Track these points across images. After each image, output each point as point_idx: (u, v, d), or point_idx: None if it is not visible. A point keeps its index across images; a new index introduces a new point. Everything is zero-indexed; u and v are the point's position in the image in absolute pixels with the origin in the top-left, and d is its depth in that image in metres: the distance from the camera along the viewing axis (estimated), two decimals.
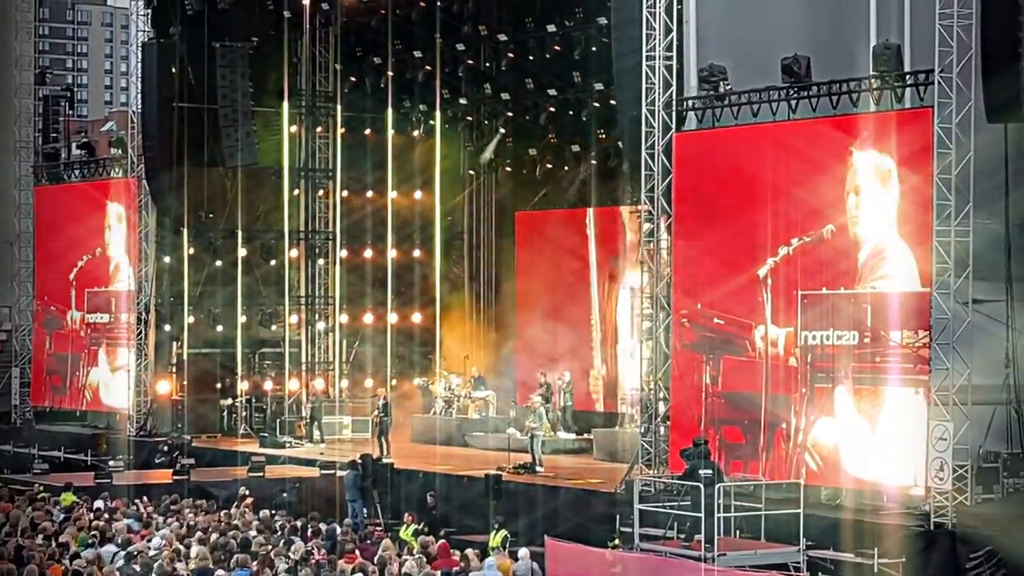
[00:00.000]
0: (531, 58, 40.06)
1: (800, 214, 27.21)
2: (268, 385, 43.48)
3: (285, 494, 32.58)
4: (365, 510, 31.86)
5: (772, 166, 27.65)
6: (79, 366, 45.17)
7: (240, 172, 42.68)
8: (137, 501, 29.68)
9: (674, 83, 29.22)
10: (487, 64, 41.66)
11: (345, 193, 45.65)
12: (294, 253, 44.84)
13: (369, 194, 46.07)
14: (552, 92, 40.87)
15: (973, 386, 24.46)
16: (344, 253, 45.71)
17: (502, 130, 44.32)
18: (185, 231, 43.03)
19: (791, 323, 27.25)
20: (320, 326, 45.45)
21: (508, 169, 45.38)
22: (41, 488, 31.28)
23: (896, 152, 25.66)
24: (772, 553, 24.27)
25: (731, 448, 27.94)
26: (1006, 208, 25.43)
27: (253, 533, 24.70)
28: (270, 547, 23.09)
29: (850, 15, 27.05)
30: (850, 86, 26.33)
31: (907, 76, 25.67)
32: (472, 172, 47.01)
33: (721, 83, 28.48)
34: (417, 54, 42.80)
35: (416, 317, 45.98)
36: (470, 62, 42.15)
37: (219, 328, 43.57)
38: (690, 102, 29.18)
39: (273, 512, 28.61)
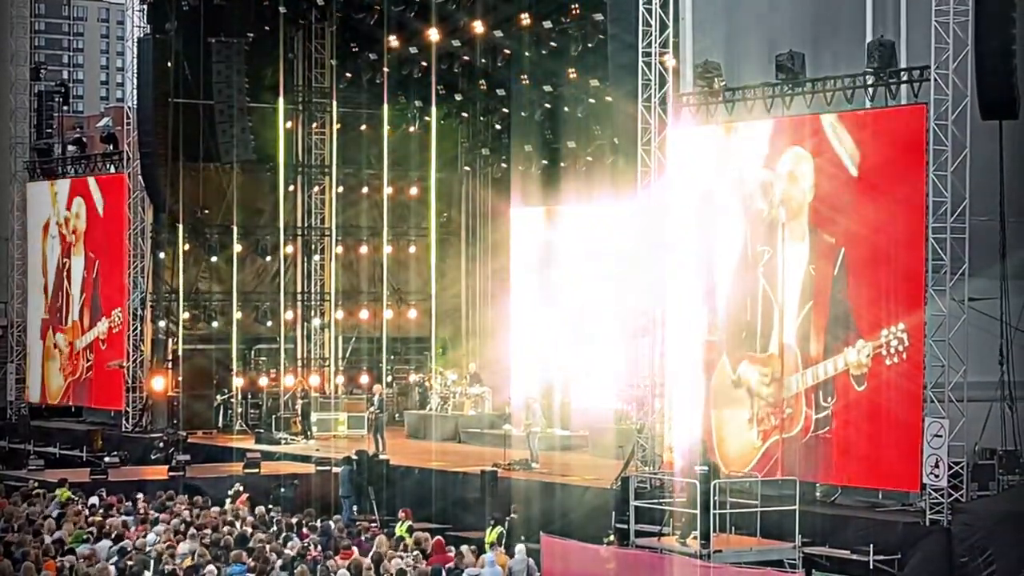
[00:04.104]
0: (527, 54, 40.03)
1: None
2: (264, 381, 43.46)
3: (283, 490, 32.57)
4: (355, 507, 31.84)
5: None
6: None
7: (236, 168, 42.70)
8: (133, 497, 29.63)
9: (670, 79, 29.20)
10: (483, 60, 41.65)
11: (340, 189, 45.64)
12: (290, 249, 44.85)
13: (365, 190, 46.06)
14: (548, 88, 40.83)
15: (968, 383, 24.47)
16: (340, 249, 45.70)
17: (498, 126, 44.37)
18: (181, 227, 43.02)
19: None
20: (316, 322, 45.45)
21: (504, 165, 45.35)
22: (36, 484, 31.23)
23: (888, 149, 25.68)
24: (768, 549, 24.28)
25: None
26: (1001, 205, 25.42)
27: (248, 530, 24.68)
28: (265, 543, 23.07)
29: (847, 12, 27.03)
30: (844, 82, 26.31)
31: (901, 73, 25.66)
32: (468, 168, 47.00)
33: (716, 79, 28.45)
34: (413, 50, 42.78)
35: (411, 314, 45.97)
36: (466, 58, 42.16)
37: (214, 324, 43.57)
38: (685, 98, 29.17)
39: (269, 508, 28.59)
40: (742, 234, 27.96)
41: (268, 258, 44.51)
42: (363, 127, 45.71)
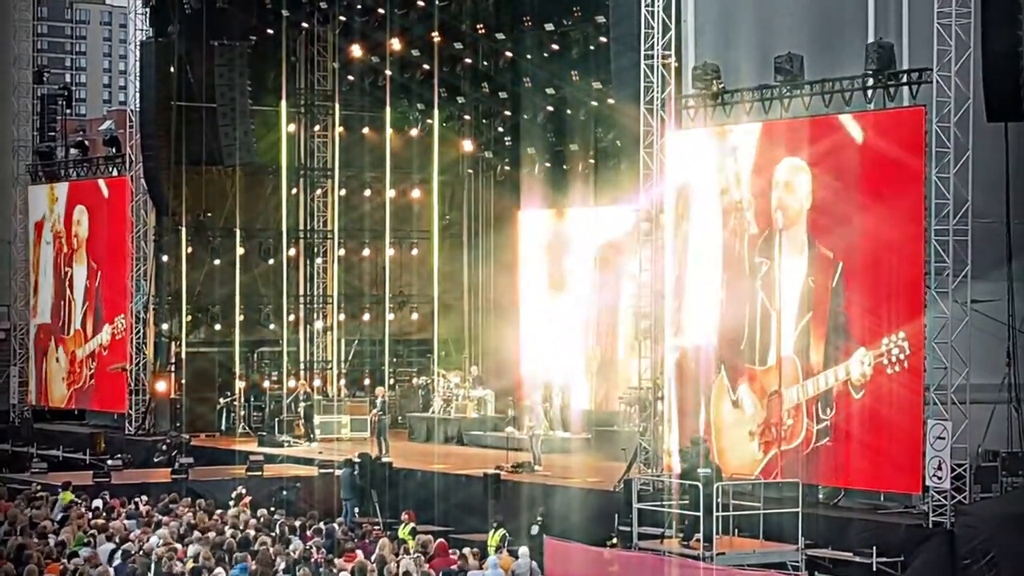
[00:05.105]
0: (529, 57, 40.08)
1: None
2: (266, 384, 43.46)
3: (285, 492, 32.57)
4: (357, 509, 31.83)
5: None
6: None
7: (238, 171, 42.71)
8: (136, 500, 29.66)
9: (672, 82, 29.22)
10: (485, 63, 41.68)
11: (343, 192, 45.66)
12: (292, 252, 44.85)
13: (367, 193, 46.08)
14: (550, 91, 40.86)
15: (971, 385, 24.47)
16: (342, 252, 45.71)
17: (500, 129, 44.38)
18: (183, 230, 43.04)
19: None
20: (318, 325, 45.46)
21: (507, 168, 45.37)
22: (39, 487, 31.25)
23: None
24: (770, 552, 24.29)
25: None
26: (1007, 207, 25.41)
27: (252, 532, 24.69)
28: (269, 546, 23.08)
29: (848, 14, 27.03)
30: (843, 84, 26.30)
31: (900, 75, 25.64)
32: (470, 171, 47.02)
33: (714, 81, 28.45)
34: (415, 53, 42.82)
35: (414, 316, 45.97)
36: (468, 61, 42.19)
37: (217, 327, 43.56)
38: (684, 100, 29.16)
39: (272, 511, 28.60)
40: (739, 243, 27.90)
41: (271, 261, 44.52)
42: (365, 130, 45.69)
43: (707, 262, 28.61)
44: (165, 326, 43.25)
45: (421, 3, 40.87)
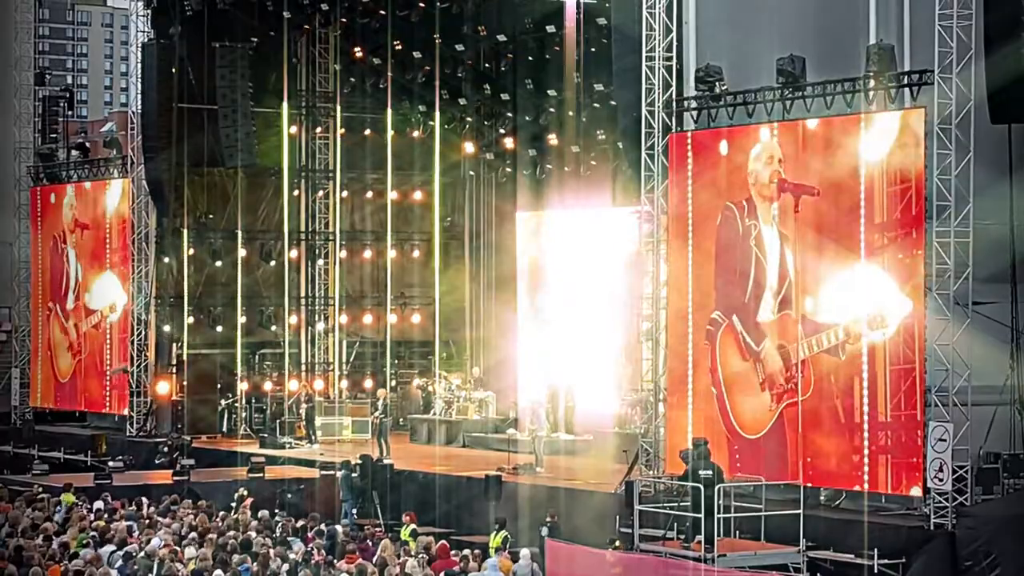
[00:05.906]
0: (530, 59, 40.05)
1: None
2: (268, 385, 43.48)
3: (290, 496, 32.58)
4: (355, 511, 31.84)
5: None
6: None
7: (240, 172, 42.74)
8: (137, 502, 29.66)
9: (674, 84, 29.21)
10: (486, 65, 41.65)
11: (345, 194, 45.68)
12: (294, 254, 44.86)
13: (368, 194, 46.10)
14: (551, 93, 40.86)
15: (973, 387, 24.46)
16: (344, 254, 45.73)
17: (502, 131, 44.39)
18: (185, 232, 43.05)
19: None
20: (320, 327, 45.47)
21: (508, 169, 45.37)
22: (40, 489, 31.27)
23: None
24: (772, 554, 24.29)
25: None
26: (1011, 210, 25.40)
27: (252, 534, 24.70)
28: (270, 548, 23.09)
29: (850, 16, 27.02)
30: (844, 86, 26.29)
31: (902, 76, 25.63)
32: (472, 173, 47.03)
33: (717, 83, 28.44)
34: (416, 55, 42.82)
35: (415, 318, 45.99)
36: (469, 63, 42.19)
37: (219, 329, 43.56)
38: (686, 102, 29.15)
39: (274, 513, 28.60)
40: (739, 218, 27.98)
41: (272, 262, 44.54)
42: (367, 132, 45.71)
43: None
44: (167, 328, 43.26)
45: (422, 5, 40.87)
